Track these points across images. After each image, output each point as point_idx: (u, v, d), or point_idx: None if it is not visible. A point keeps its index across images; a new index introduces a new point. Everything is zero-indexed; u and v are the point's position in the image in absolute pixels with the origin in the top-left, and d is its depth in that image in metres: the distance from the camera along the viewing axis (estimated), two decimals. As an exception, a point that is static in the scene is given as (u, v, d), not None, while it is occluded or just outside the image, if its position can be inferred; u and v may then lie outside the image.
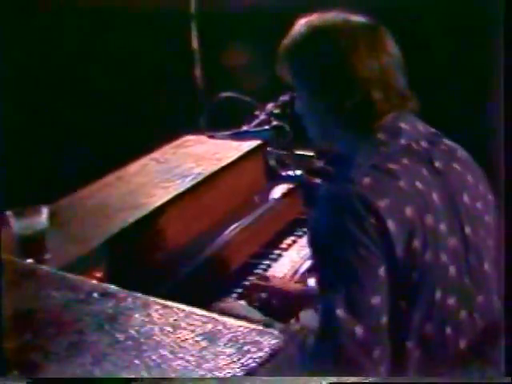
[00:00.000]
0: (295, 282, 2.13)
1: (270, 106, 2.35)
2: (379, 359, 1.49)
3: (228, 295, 2.07)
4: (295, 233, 2.40)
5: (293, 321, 2.02)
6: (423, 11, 2.30)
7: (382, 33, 1.69)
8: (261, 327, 1.17)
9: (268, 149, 2.42)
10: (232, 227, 2.24)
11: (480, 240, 1.65)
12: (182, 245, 2.12)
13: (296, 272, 2.17)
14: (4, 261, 1.41)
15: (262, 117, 2.23)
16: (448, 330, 1.58)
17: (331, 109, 1.66)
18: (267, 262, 2.22)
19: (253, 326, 1.17)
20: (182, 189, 2.19)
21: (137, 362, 1.10)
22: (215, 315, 1.21)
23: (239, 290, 2.09)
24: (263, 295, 2.00)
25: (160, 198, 2.13)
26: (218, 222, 2.26)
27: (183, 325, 1.18)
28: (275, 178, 2.54)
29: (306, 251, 2.26)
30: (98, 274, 1.81)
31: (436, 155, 1.65)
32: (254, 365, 1.07)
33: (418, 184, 1.57)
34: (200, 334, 1.16)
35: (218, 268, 2.15)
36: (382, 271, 1.50)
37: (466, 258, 1.62)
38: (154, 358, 1.11)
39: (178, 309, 1.25)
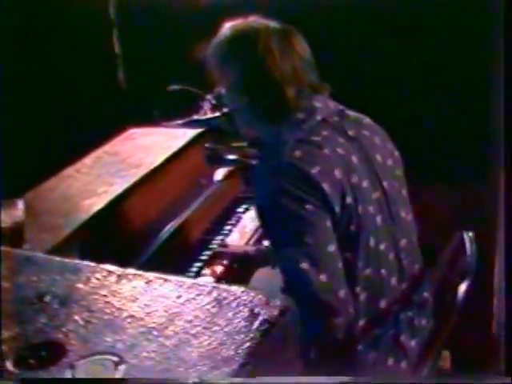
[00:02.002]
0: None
1: (208, 96, 2.30)
2: (345, 299, 1.53)
3: (189, 270, 2.01)
4: (239, 209, 2.36)
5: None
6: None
7: (294, 36, 1.72)
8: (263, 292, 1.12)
9: (206, 145, 2.36)
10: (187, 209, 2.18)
11: (395, 191, 1.73)
12: (143, 227, 2.04)
13: (248, 242, 2.14)
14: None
15: (206, 106, 2.18)
16: (383, 272, 1.64)
17: (251, 105, 1.68)
18: (221, 237, 2.18)
19: (255, 291, 1.13)
20: (138, 177, 2.10)
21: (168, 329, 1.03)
22: (216, 284, 1.16)
23: (199, 264, 2.04)
24: (225, 261, 1.97)
25: (120, 186, 2.03)
26: (172, 203, 2.18)
27: (191, 296, 1.12)
28: (216, 162, 2.49)
29: (253, 224, 2.24)
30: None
31: (347, 125, 1.70)
32: (267, 326, 1.03)
33: (339, 150, 1.62)
34: (208, 303, 1.10)
35: (178, 246, 2.07)
36: (329, 223, 1.54)
37: (387, 208, 1.68)
38: (173, 329, 1.05)
39: (179, 281, 1.19)
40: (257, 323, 1.03)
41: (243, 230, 2.21)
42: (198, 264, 2.02)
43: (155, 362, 0.97)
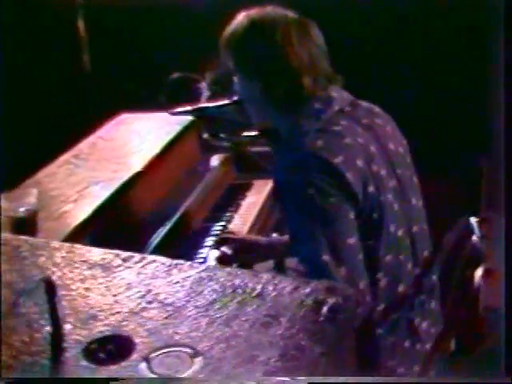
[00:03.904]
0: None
1: (204, 83, 2.27)
2: (364, 290, 1.55)
3: (194, 258, 1.98)
4: (238, 196, 2.34)
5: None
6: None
7: (310, 26, 1.71)
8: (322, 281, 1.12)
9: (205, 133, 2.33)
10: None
11: (407, 179, 1.75)
12: (147, 215, 1.99)
13: (251, 229, 2.12)
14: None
15: (204, 94, 2.15)
16: (401, 257, 1.67)
17: (266, 93, 1.67)
18: (223, 223, 2.15)
19: (313, 281, 1.12)
20: (139, 163, 2.05)
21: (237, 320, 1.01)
22: (272, 274, 1.15)
23: (203, 250, 2.01)
24: (231, 247, 1.95)
25: (123, 172, 1.98)
26: (172, 191, 2.14)
27: (250, 286, 1.10)
28: (209, 149, 2.46)
29: (255, 210, 2.23)
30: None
31: (360, 115, 1.71)
32: (334, 313, 1.02)
33: (359, 139, 1.63)
34: (268, 293, 1.09)
35: (181, 235, 2.04)
36: (351, 215, 1.55)
37: (402, 196, 1.70)
38: (241, 318, 1.03)
39: (231, 272, 1.18)
40: (324, 311, 1.03)
41: (244, 216, 2.20)
42: (204, 250, 2.00)
43: (232, 354, 0.95)
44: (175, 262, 1.19)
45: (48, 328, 1.01)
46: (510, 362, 1.32)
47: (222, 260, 1.94)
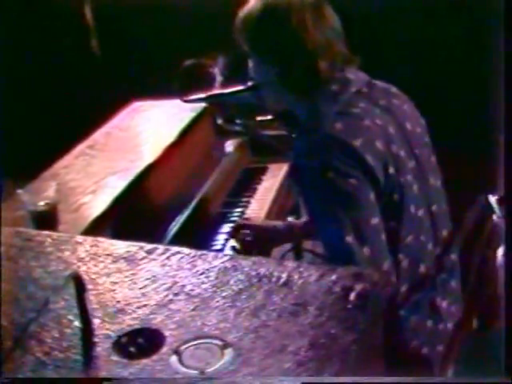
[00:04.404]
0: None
1: (216, 69, 2.25)
2: (389, 270, 1.54)
3: (212, 244, 1.99)
4: (254, 180, 2.34)
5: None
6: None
7: (326, 8, 1.68)
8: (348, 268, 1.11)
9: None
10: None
11: (426, 159, 1.74)
12: (165, 204, 1.99)
13: (269, 213, 2.12)
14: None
15: (217, 80, 2.12)
16: (422, 238, 1.66)
17: (283, 77, 1.65)
18: (240, 209, 2.15)
19: (339, 267, 1.11)
20: (155, 152, 2.04)
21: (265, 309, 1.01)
22: (296, 263, 1.15)
23: (221, 237, 2.01)
24: (248, 234, 1.94)
25: (139, 162, 1.97)
26: (188, 178, 2.13)
27: (275, 274, 1.10)
28: (223, 134, 2.45)
29: (272, 194, 2.22)
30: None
31: (378, 96, 1.69)
32: (363, 300, 1.02)
33: (378, 121, 1.62)
34: (295, 282, 1.08)
35: (199, 222, 2.03)
36: (372, 196, 1.54)
37: (421, 176, 1.69)
38: (269, 308, 1.03)
39: (256, 261, 1.17)
40: (352, 298, 1.02)
41: (261, 201, 2.20)
42: (223, 237, 2.00)
43: (262, 344, 0.95)
44: (199, 252, 1.19)
45: (77, 323, 1.02)
46: (510, 362, 1.31)
47: (241, 247, 1.94)
